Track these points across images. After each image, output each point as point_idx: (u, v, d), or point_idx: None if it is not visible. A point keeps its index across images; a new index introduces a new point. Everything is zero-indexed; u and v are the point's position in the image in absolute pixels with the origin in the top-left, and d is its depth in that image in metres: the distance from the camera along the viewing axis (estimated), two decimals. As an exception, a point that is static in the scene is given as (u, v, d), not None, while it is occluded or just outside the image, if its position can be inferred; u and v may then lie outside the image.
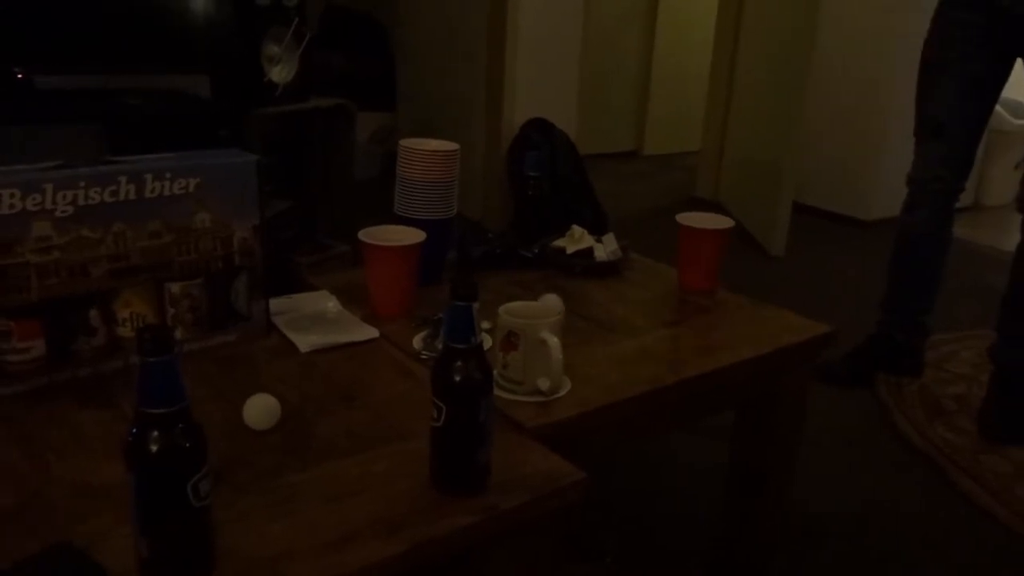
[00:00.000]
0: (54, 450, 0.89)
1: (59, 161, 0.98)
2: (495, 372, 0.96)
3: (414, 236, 1.28)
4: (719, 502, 1.50)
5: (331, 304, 1.30)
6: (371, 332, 1.22)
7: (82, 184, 0.97)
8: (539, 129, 3.43)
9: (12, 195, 0.92)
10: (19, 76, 2.06)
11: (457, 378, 0.81)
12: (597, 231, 1.61)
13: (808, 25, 3.23)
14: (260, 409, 0.95)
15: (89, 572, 0.68)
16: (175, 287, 1.09)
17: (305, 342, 1.18)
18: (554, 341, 1.02)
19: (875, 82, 3.85)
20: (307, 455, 0.91)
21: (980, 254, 3.63)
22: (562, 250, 1.56)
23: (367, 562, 0.74)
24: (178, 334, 1.11)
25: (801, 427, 1.42)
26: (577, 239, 1.57)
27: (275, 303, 1.25)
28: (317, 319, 1.25)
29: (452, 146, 1.39)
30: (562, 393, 1.06)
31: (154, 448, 0.65)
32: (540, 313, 1.07)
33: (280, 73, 2.45)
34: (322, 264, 2.79)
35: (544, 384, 1.04)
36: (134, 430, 0.65)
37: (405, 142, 1.38)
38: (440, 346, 1.18)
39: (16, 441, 0.90)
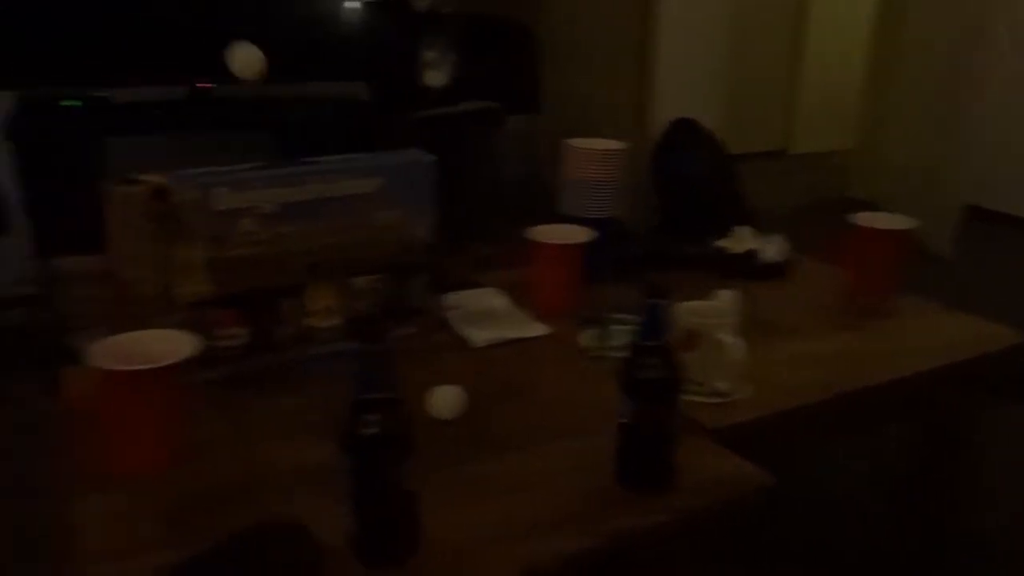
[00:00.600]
0: (260, 431, 0.96)
1: (263, 162, 1.05)
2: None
3: (582, 234, 1.29)
4: (883, 515, 1.42)
5: (500, 301, 1.33)
6: (540, 329, 1.24)
7: (282, 183, 1.04)
8: (685, 129, 3.38)
9: (224, 193, 1.00)
10: (203, 86, 2.23)
11: (649, 376, 0.80)
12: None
13: (979, 14, 3.02)
14: (446, 399, 0.98)
15: (305, 547, 0.72)
16: (360, 281, 1.15)
17: (477, 337, 1.21)
18: (736, 342, 1.00)
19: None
20: (490, 446, 0.93)
21: None
22: (725, 250, 1.52)
23: (561, 553, 0.75)
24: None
25: (984, 445, 1.32)
26: (742, 239, 1.53)
27: (447, 299, 1.29)
28: (487, 315, 1.28)
29: (618, 145, 1.39)
30: (741, 395, 1.04)
31: (371, 432, 0.68)
32: (719, 313, 1.05)
33: (434, 78, 2.52)
34: (469, 263, 2.86)
35: (723, 385, 1.02)
36: (350, 415, 0.69)
37: (571, 141, 1.39)
38: (609, 344, 1.19)
39: (224, 422, 0.97)
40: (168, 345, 0.86)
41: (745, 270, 1.48)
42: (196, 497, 0.83)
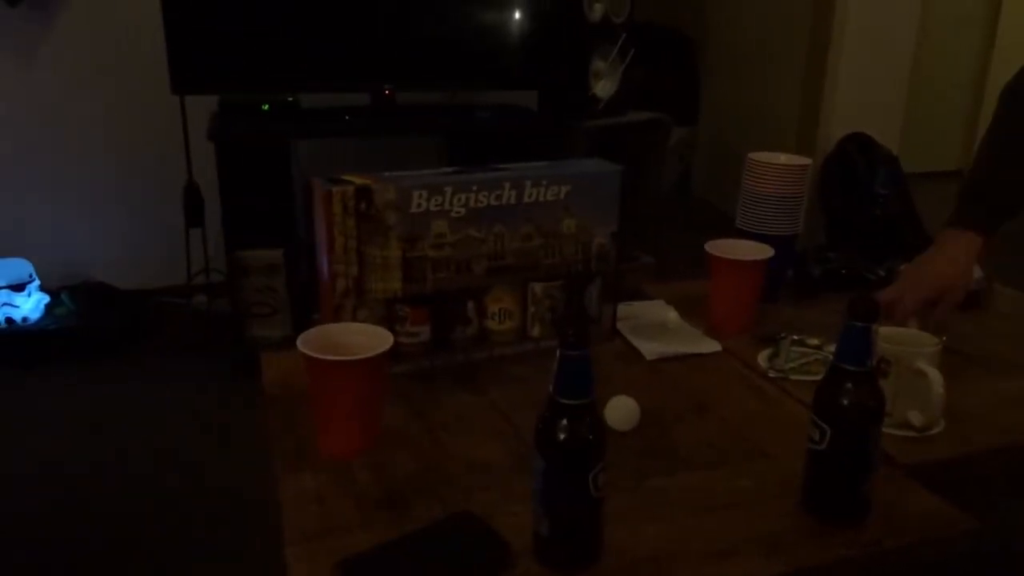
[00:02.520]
0: (442, 426, 0.99)
1: (455, 168, 1.09)
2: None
3: (762, 251, 1.25)
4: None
5: (671, 315, 1.31)
6: (714, 345, 1.22)
7: (474, 188, 1.07)
8: (859, 145, 3.22)
9: (420, 196, 1.04)
10: (387, 92, 2.34)
11: (847, 402, 0.77)
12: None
13: None
14: (623, 411, 0.98)
15: (493, 542, 0.74)
16: (538, 287, 1.17)
17: (650, 349, 1.20)
18: (935, 373, 0.94)
19: None
20: (670, 462, 0.92)
21: None
22: (914, 275, 1.43)
23: (747, 577, 0.73)
24: (535, 331, 1.18)
25: None
26: (932, 264, 1.43)
27: (620, 309, 1.28)
28: (659, 328, 1.27)
29: (803, 160, 1.35)
30: (937, 431, 0.97)
31: (566, 436, 0.69)
32: (915, 341, 0.99)
33: (604, 88, 2.53)
34: (629, 274, 2.85)
35: (918, 419, 0.96)
36: (547, 416, 0.70)
37: (753, 155, 1.36)
38: (788, 366, 1.15)
39: (411, 415, 1.01)
40: (366, 338, 0.91)
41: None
42: (388, 484, 0.87)
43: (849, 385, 0.77)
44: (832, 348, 1.03)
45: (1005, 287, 1.44)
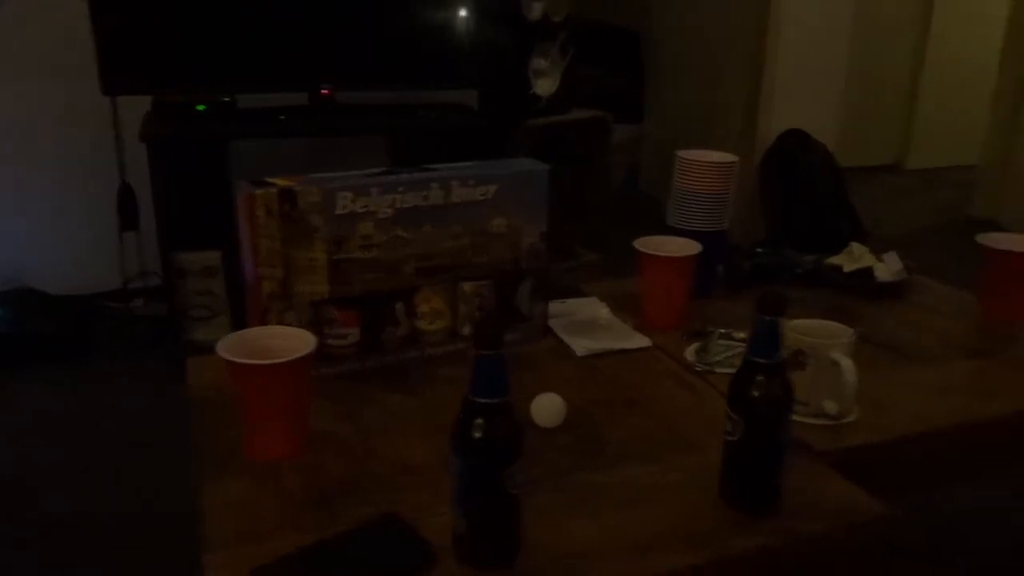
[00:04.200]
0: (372, 428, 0.99)
1: (383, 168, 1.09)
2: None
3: (691, 248, 1.28)
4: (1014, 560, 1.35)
5: (603, 311, 1.33)
6: (644, 341, 1.24)
7: (401, 189, 1.07)
8: (796, 140, 3.28)
9: (346, 197, 1.04)
10: (324, 92, 2.32)
11: (758, 393, 0.79)
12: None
13: None
14: (548, 408, 0.99)
15: (416, 543, 0.74)
16: (467, 286, 1.17)
17: (581, 346, 1.21)
18: (848, 363, 0.97)
19: None
20: (597, 458, 0.94)
21: None
22: (839, 268, 1.48)
23: (664, 570, 0.75)
24: (466, 331, 1.18)
25: None
26: (856, 257, 1.48)
27: (550, 307, 1.30)
28: (590, 325, 1.29)
29: (731, 158, 1.37)
30: (851, 419, 1.00)
31: (478, 435, 0.70)
32: (830, 333, 1.02)
33: (544, 86, 2.55)
34: (573, 272, 2.87)
35: (832, 407, 0.99)
36: (462, 416, 0.71)
37: (683, 153, 1.38)
38: (715, 359, 1.17)
39: (341, 417, 1.01)
40: (290, 341, 0.91)
41: (859, 289, 1.43)
42: (314, 488, 0.87)
43: (760, 377, 0.79)
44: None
45: (925, 278, 1.49)
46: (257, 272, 1.02)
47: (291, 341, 0.91)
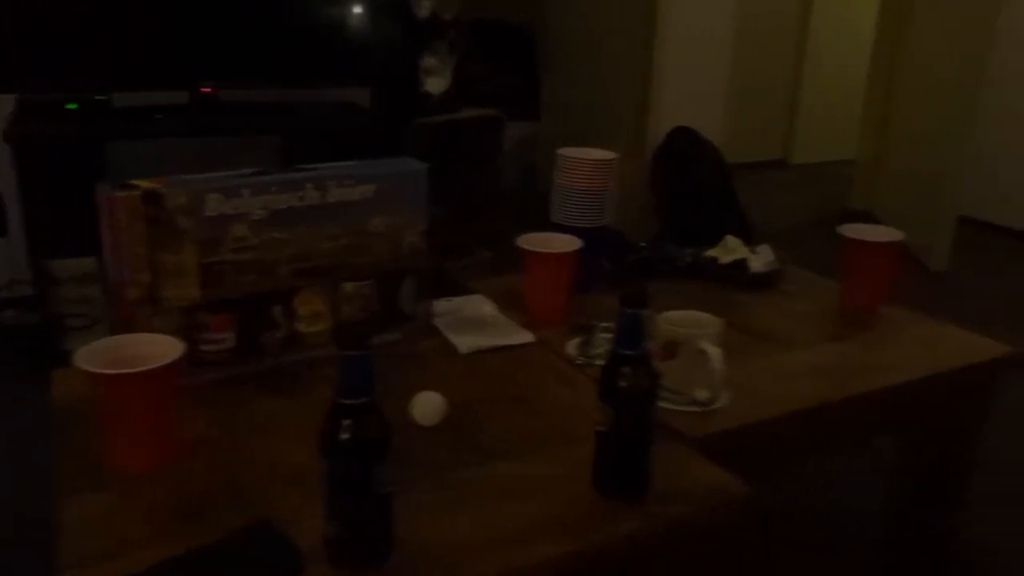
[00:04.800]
0: (247, 434, 0.97)
1: (256, 168, 1.07)
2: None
3: (572, 244, 1.30)
4: (883, 523, 1.43)
5: (488, 308, 1.34)
6: (527, 336, 1.25)
7: (274, 189, 1.05)
8: (684, 137, 3.39)
9: (215, 199, 1.01)
10: (205, 91, 2.25)
11: (625, 384, 0.82)
12: (744, 242, 1.57)
13: (985, 26, 3.03)
14: (428, 406, 0.99)
15: (285, 549, 0.73)
16: (349, 287, 1.16)
17: (465, 343, 1.22)
18: (715, 351, 1.01)
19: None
20: (475, 453, 0.94)
21: None
22: (715, 260, 1.53)
23: (536, 561, 0.77)
24: (350, 332, 1.17)
25: (974, 457, 1.33)
26: (731, 249, 1.54)
27: (435, 305, 1.30)
28: (475, 322, 1.30)
29: (610, 155, 1.41)
30: (720, 404, 1.05)
31: (345, 436, 0.69)
32: (700, 323, 1.07)
33: (435, 84, 2.54)
34: (466, 270, 2.87)
35: (702, 394, 1.03)
36: (328, 418, 0.70)
37: (564, 151, 1.41)
38: (594, 352, 1.20)
39: (215, 424, 0.98)
40: (155, 348, 0.88)
41: (735, 280, 1.49)
42: (183, 498, 0.84)
43: (626, 368, 0.82)
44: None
45: (796, 268, 1.57)
46: (122, 277, 0.98)
47: (159, 348, 0.88)
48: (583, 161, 1.38)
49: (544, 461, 0.93)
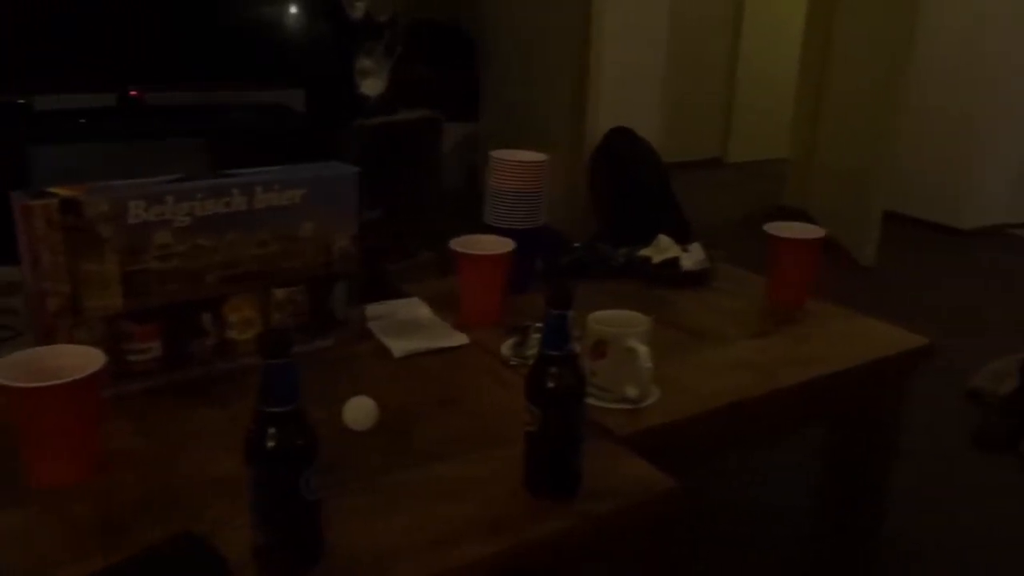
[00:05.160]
0: (175, 444, 0.95)
1: (179, 175, 1.05)
2: (586, 379, 0.98)
3: (504, 246, 1.31)
4: (809, 515, 1.48)
5: (423, 311, 1.34)
6: (462, 339, 1.26)
7: (199, 196, 1.04)
8: (622, 137, 3.44)
9: (138, 206, 0.99)
10: (132, 94, 2.19)
11: (552, 384, 0.83)
12: (681, 241, 1.61)
13: (906, 28, 3.14)
14: (360, 411, 0.99)
15: (210, 561, 0.72)
16: (280, 293, 1.15)
17: (399, 347, 1.22)
18: (643, 349, 1.03)
19: (976, 82, 3.71)
20: (408, 457, 0.95)
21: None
22: (648, 259, 1.56)
23: (467, 561, 0.77)
24: (282, 338, 1.16)
25: (896, 443, 1.38)
26: (663, 249, 1.57)
27: (370, 309, 1.30)
28: (410, 325, 1.30)
29: (541, 157, 1.42)
30: (650, 401, 1.07)
31: (270, 444, 0.69)
32: (629, 322, 1.09)
33: (371, 86, 2.53)
34: (408, 272, 2.87)
35: (632, 392, 1.05)
36: (253, 426, 0.70)
37: (496, 153, 1.42)
38: (528, 353, 1.21)
39: (141, 435, 0.97)
40: (76, 360, 0.86)
41: (667, 279, 1.52)
42: (107, 512, 0.83)
43: (554, 369, 0.83)
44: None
45: (727, 266, 1.60)
46: (40, 288, 0.96)
47: (80, 360, 0.86)
48: (514, 163, 1.39)
49: (477, 462, 0.94)
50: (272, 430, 0.69)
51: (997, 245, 3.76)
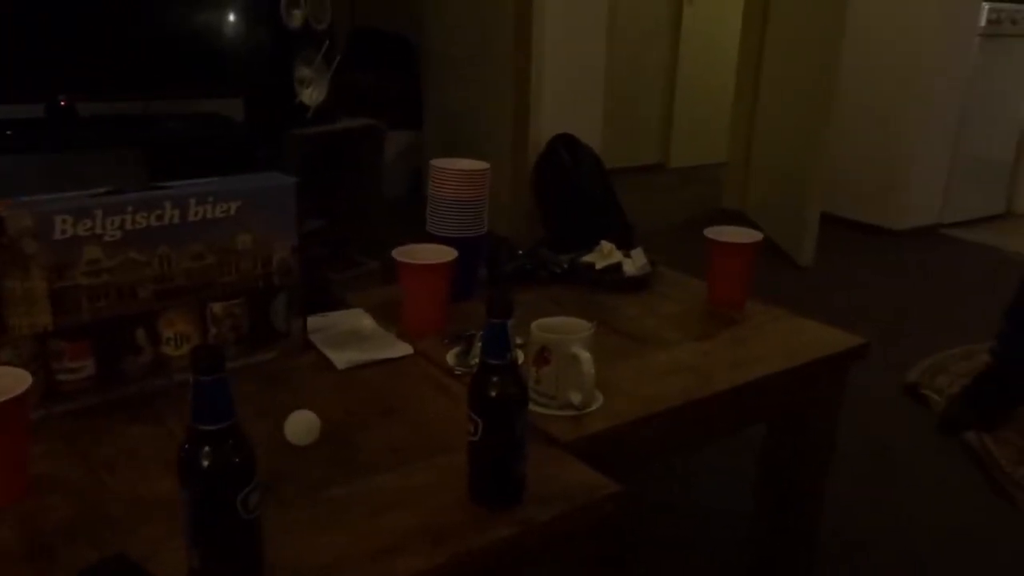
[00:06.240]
0: (108, 465, 0.93)
1: (108, 187, 1.02)
2: (529, 387, 0.98)
3: (446, 254, 1.31)
4: (750, 517, 1.51)
5: (366, 322, 1.33)
6: (406, 348, 1.25)
7: (129, 209, 1.01)
8: (565, 144, 3.46)
9: (64, 221, 0.96)
10: (63, 103, 2.13)
11: (493, 393, 0.83)
12: (624, 245, 1.63)
13: (835, 32, 3.24)
14: (301, 425, 0.98)
15: (143, 583, 0.71)
16: (217, 307, 1.13)
17: (342, 359, 1.20)
18: (585, 356, 1.04)
19: (905, 85, 3.84)
20: (350, 469, 0.93)
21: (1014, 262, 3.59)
22: (591, 265, 1.57)
23: (411, 572, 0.77)
24: (220, 352, 1.14)
25: (834, 441, 1.42)
26: (606, 254, 1.59)
27: (312, 321, 1.28)
28: (353, 336, 1.28)
29: (482, 165, 1.42)
30: (594, 407, 1.08)
31: (205, 463, 0.67)
32: (571, 328, 1.09)
33: (311, 95, 2.50)
34: (353, 281, 2.84)
35: (576, 398, 1.06)
36: (186, 446, 0.68)
37: (436, 162, 1.41)
38: (473, 361, 1.21)
39: (72, 456, 0.94)
40: (3, 381, 0.83)
41: (610, 284, 1.54)
42: (37, 535, 0.80)
43: (495, 378, 0.83)
44: (516, 340, 1.11)
45: (668, 270, 1.63)
46: (-39, 307, 0.92)
47: (4, 381, 0.83)
48: (455, 171, 1.39)
49: (421, 473, 0.94)
50: (207, 448, 0.67)
51: (929, 245, 3.90)
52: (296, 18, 2.37)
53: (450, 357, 1.22)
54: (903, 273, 3.53)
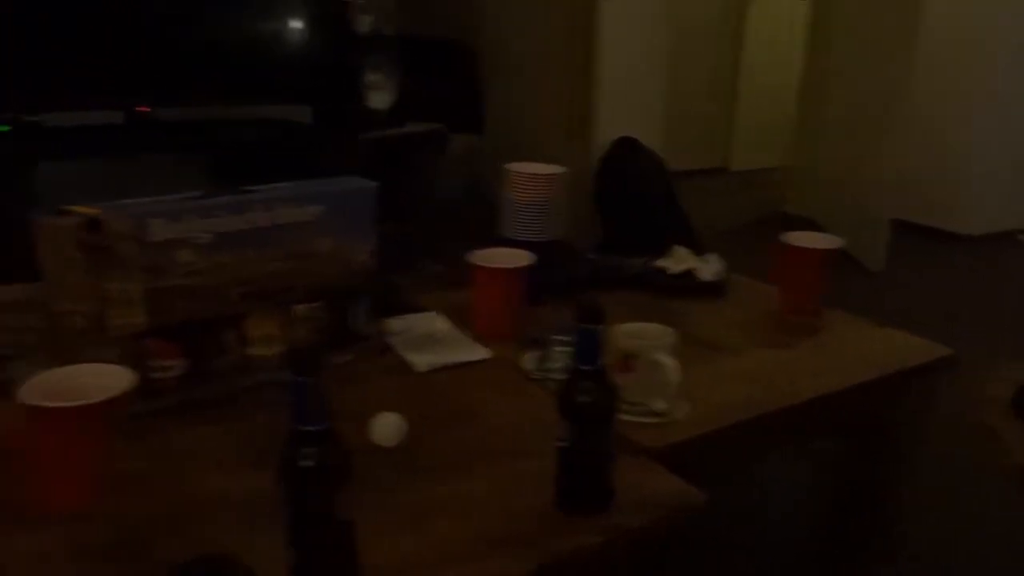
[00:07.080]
0: (196, 462, 0.95)
1: (201, 191, 1.05)
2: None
3: (523, 258, 1.31)
4: (822, 528, 1.47)
5: (441, 324, 1.34)
6: (483, 352, 1.25)
7: (221, 213, 1.03)
8: (627, 148, 3.44)
9: (160, 224, 0.99)
10: (142, 110, 2.20)
11: (585, 400, 0.82)
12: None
13: (907, 32, 3.15)
14: (388, 427, 0.98)
15: (244, 579, 0.71)
16: (300, 309, 1.15)
17: (421, 361, 1.21)
18: (672, 363, 1.03)
19: (968, 94, 3.73)
20: (432, 472, 0.94)
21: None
22: (664, 270, 1.56)
23: (500, 577, 0.76)
24: (302, 354, 1.15)
25: (916, 455, 1.37)
26: (680, 259, 1.57)
27: (389, 324, 1.29)
28: (429, 339, 1.29)
29: (558, 168, 1.42)
30: (678, 415, 1.06)
31: (306, 464, 0.68)
32: (655, 335, 1.08)
33: (379, 100, 2.53)
34: (416, 284, 2.86)
35: (660, 406, 1.05)
36: (287, 446, 0.69)
37: (512, 165, 1.42)
38: (550, 366, 1.20)
39: (163, 453, 0.96)
40: (102, 379, 0.85)
41: (684, 289, 1.52)
42: (126, 533, 0.82)
43: (586, 384, 0.82)
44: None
45: (740, 276, 1.60)
46: (62, 306, 0.95)
47: (104, 379, 0.86)
48: (530, 176, 1.39)
49: (502, 477, 0.93)
50: (305, 449, 0.68)
51: (1004, 251, 3.76)
52: (365, 23, 2.41)
53: (528, 361, 1.22)
54: (979, 279, 3.41)
